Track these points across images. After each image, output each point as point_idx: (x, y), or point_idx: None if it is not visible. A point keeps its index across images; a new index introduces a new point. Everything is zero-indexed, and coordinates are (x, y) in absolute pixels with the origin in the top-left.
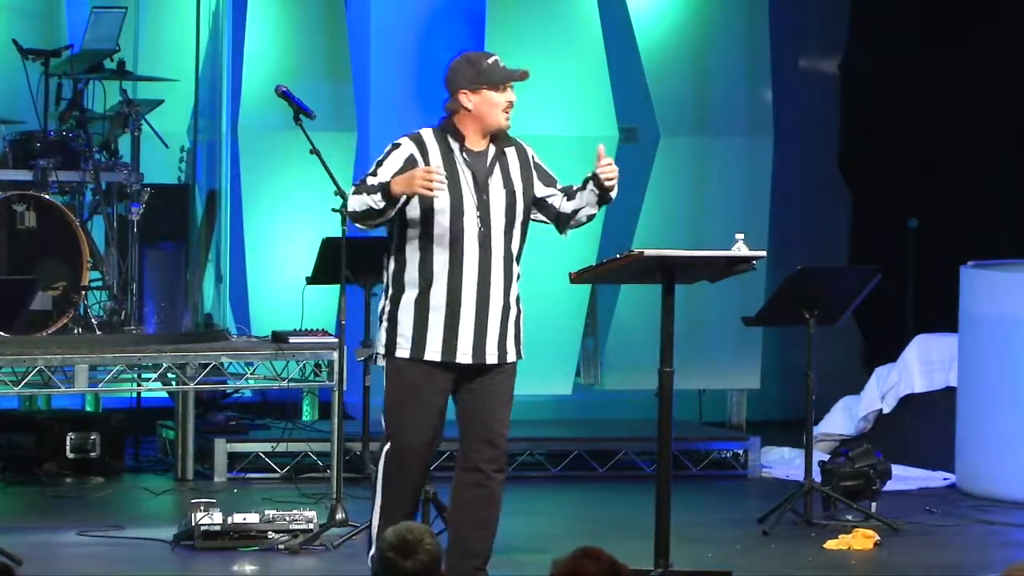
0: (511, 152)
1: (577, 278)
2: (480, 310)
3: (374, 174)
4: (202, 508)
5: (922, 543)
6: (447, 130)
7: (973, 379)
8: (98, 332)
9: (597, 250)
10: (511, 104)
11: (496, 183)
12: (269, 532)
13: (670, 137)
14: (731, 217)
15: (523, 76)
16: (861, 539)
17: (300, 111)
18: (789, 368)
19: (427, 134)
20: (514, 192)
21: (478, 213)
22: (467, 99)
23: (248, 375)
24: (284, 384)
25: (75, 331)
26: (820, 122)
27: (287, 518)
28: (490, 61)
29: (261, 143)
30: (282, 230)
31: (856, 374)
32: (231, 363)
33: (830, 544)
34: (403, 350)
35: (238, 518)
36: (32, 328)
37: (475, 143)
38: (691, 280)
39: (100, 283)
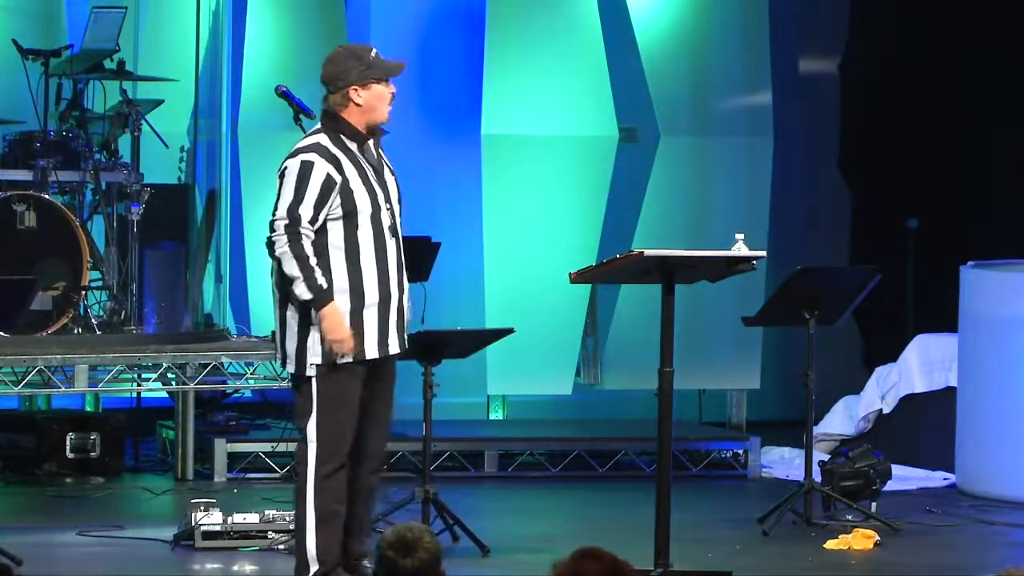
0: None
1: (577, 278)
2: (400, 296)
3: (300, 202)
4: (202, 508)
5: (922, 543)
6: (339, 130)
7: (973, 379)
8: (98, 332)
9: (597, 250)
10: (393, 96)
11: (387, 172)
12: (269, 532)
13: (670, 137)
14: (731, 217)
15: (402, 68)
16: (861, 539)
17: (300, 111)
18: (789, 368)
19: (325, 142)
20: (394, 176)
21: (387, 205)
22: (357, 94)
23: (248, 375)
24: (284, 384)
25: (75, 331)
26: (820, 122)
27: (287, 518)
28: (373, 54)
29: (261, 143)
30: None
31: (856, 374)
32: (231, 363)
33: (830, 544)
34: (344, 357)
35: (238, 518)
36: (32, 328)
37: (363, 138)
38: (691, 280)
39: (100, 283)
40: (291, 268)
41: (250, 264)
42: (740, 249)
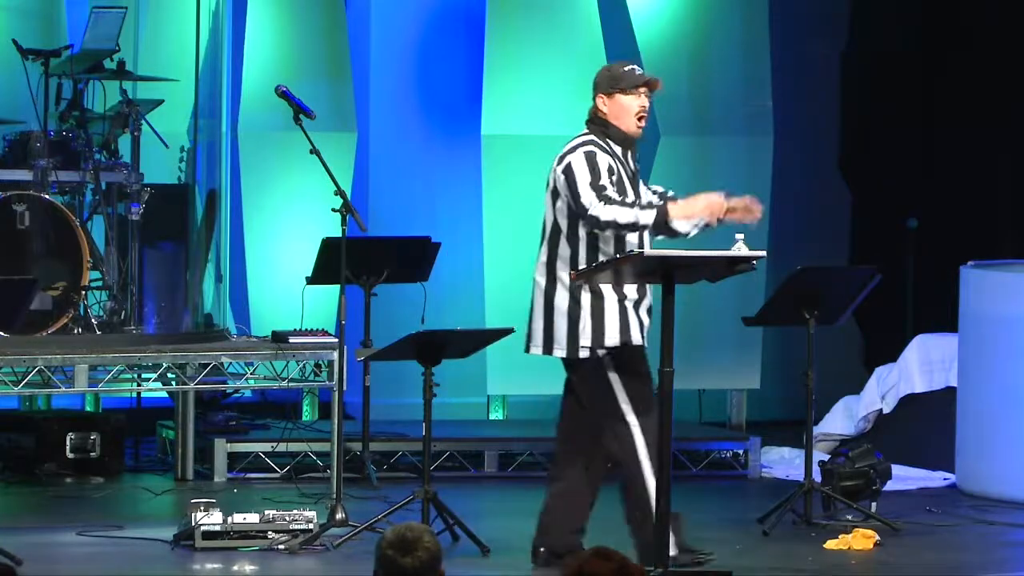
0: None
1: (577, 278)
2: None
3: (598, 177)
4: (202, 508)
5: (922, 543)
6: (608, 134)
7: (973, 379)
8: (98, 332)
9: None
10: (644, 109)
11: (641, 184)
12: (269, 532)
13: (670, 137)
14: None
15: (651, 82)
16: (861, 539)
17: (300, 111)
18: (789, 368)
19: (596, 141)
20: (648, 190)
21: None
22: (603, 103)
23: (248, 375)
24: (284, 384)
25: (75, 331)
26: (820, 122)
27: (287, 518)
28: (626, 68)
29: (261, 143)
30: (282, 230)
31: (856, 374)
32: (231, 363)
33: (830, 544)
34: (638, 338)
35: (238, 518)
36: (32, 328)
37: (628, 144)
38: (691, 280)
39: (100, 283)
40: (625, 216)
41: (250, 264)
42: (740, 249)
